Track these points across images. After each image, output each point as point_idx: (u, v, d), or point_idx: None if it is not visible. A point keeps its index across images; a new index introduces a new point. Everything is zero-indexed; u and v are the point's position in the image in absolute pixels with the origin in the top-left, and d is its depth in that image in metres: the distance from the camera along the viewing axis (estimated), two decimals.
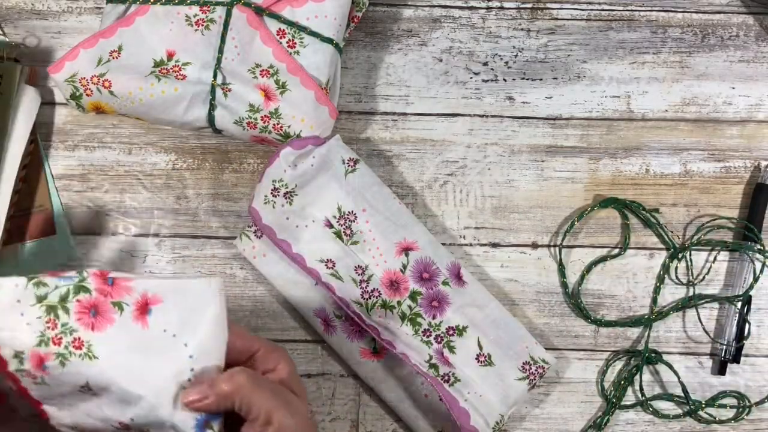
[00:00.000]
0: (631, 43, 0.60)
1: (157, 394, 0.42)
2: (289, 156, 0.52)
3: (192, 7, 0.54)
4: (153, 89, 0.53)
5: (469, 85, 0.59)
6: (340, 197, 0.53)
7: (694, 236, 0.58)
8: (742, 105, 0.59)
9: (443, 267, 0.53)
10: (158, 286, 0.42)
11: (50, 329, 0.42)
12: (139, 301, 0.42)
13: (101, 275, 0.42)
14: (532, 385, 0.53)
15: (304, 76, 0.53)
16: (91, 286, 0.42)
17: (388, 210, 0.54)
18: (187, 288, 0.43)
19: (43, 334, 0.42)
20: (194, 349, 0.42)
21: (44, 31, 0.59)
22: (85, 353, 0.42)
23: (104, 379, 0.42)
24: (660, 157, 0.59)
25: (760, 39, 0.60)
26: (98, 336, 0.42)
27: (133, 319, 0.42)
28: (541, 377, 0.53)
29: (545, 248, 0.58)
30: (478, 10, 0.60)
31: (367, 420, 0.55)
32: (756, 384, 0.57)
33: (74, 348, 0.42)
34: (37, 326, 0.42)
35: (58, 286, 0.42)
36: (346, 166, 0.54)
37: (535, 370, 0.53)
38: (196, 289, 0.43)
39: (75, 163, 0.58)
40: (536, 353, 0.53)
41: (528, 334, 0.54)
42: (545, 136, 0.59)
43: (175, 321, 0.42)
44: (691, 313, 0.57)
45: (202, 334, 0.42)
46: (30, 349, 0.42)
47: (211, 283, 0.43)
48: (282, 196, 0.53)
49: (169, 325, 0.42)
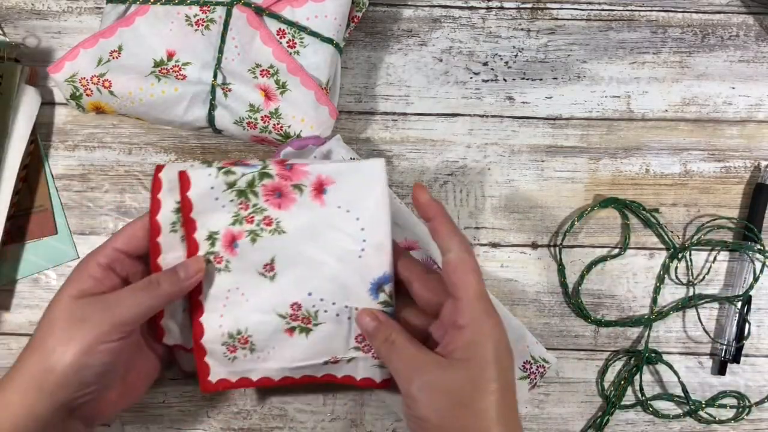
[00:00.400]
0: (631, 43, 0.60)
1: (339, 259, 0.47)
2: (289, 156, 0.52)
3: (192, 7, 0.54)
4: (153, 89, 0.53)
5: (469, 85, 0.59)
6: None
7: (694, 236, 0.58)
8: (742, 105, 0.60)
9: None
10: (330, 169, 0.47)
11: (243, 209, 0.47)
12: (315, 182, 0.47)
13: (280, 162, 0.47)
14: (533, 384, 0.53)
15: (304, 76, 0.53)
16: (273, 172, 0.47)
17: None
18: (356, 169, 0.47)
19: (238, 214, 0.47)
20: (365, 222, 0.47)
21: (44, 31, 0.59)
22: (274, 229, 0.47)
23: (291, 253, 0.47)
24: (660, 157, 0.59)
25: (760, 39, 0.60)
26: (285, 213, 0.47)
27: (312, 198, 0.47)
28: (541, 377, 0.53)
29: (545, 248, 0.58)
30: (478, 10, 0.60)
31: (367, 420, 0.55)
32: (756, 384, 0.57)
33: (265, 225, 0.47)
34: (231, 207, 0.47)
35: (244, 174, 0.47)
36: None
37: (536, 370, 0.53)
38: (363, 170, 0.47)
39: (75, 163, 0.58)
40: (537, 352, 0.53)
41: (528, 333, 0.54)
42: (545, 136, 0.59)
43: (348, 198, 0.47)
44: (691, 313, 0.57)
45: (371, 209, 0.47)
46: (225, 228, 0.47)
47: (376, 164, 0.47)
48: None
49: (342, 202, 0.47)
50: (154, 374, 0.50)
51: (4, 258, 0.56)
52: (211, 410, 0.55)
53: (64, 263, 0.56)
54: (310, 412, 0.55)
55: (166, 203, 0.47)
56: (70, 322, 0.43)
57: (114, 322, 0.43)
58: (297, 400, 0.55)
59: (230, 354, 0.48)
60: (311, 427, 0.55)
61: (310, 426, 0.55)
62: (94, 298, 0.44)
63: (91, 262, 0.46)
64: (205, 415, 0.55)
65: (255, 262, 0.47)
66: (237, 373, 0.49)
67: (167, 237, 0.47)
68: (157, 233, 0.47)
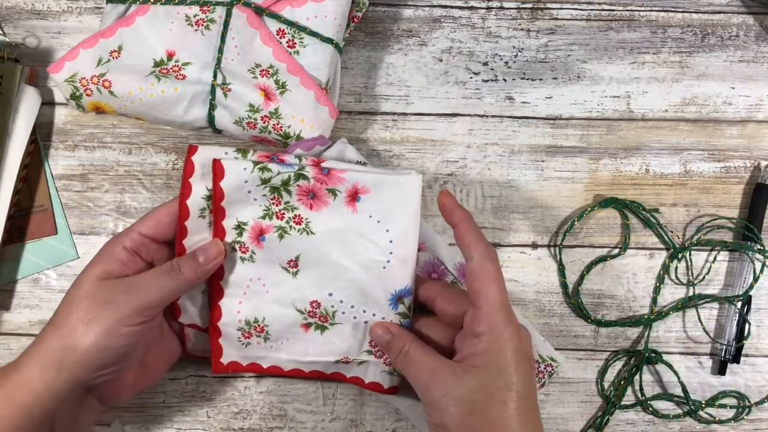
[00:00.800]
0: (631, 43, 0.60)
1: (363, 266, 0.48)
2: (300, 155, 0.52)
3: (192, 7, 0.54)
4: (153, 89, 0.53)
5: (469, 85, 0.59)
6: None
7: (694, 236, 0.58)
8: (742, 105, 0.59)
9: (451, 267, 0.53)
10: (368, 178, 0.48)
11: (275, 205, 0.48)
12: (350, 189, 0.48)
13: (317, 164, 0.48)
14: (542, 384, 0.53)
15: (303, 76, 0.53)
16: (309, 174, 0.48)
17: None
18: (394, 182, 0.48)
19: (269, 209, 0.48)
20: (394, 235, 0.48)
21: (44, 31, 0.59)
22: (303, 228, 0.48)
23: (317, 253, 0.48)
24: (660, 157, 0.59)
25: (760, 39, 0.60)
26: (316, 215, 0.48)
27: (345, 203, 0.48)
28: (550, 376, 0.54)
29: (545, 248, 0.58)
30: (478, 10, 0.60)
31: (367, 420, 0.55)
32: (756, 384, 0.57)
33: (295, 223, 0.48)
34: (263, 201, 0.48)
35: (280, 172, 0.47)
36: None
37: (544, 369, 0.53)
38: (401, 184, 0.48)
39: (75, 163, 0.58)
40: (545, 352, 0.53)
41: (536, 332, 0.54)
42: (545, 136, 0.59)
43: (381, 209, 0.48)
44: (691, 313, 0.57)
45: (402, 223, 0.48)
46: (254, 220, 0.48)
47: (415, 180, 0.48)
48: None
49: (374, 212, 0.48)
50: (173, 357, 0.51)
51: (4, 258, 0.56)
52: (211, 410, 0.55)
53: (64, 263, 0.56)
54: (310, 412, 0.55)
55: (197, 188, 0.48)
56: (94, 303, 0.43)
57: (137, 305, 0.44)
58: (297, 400, 0.55)
59: (244, 339, 0.49)
60: (311, 427, 0.55)
61: (310, 426, 0.55)
62: (118, 281, 0.45)
63: (117, 244, 0.46)
64: (205, 415, 0.55)
65: (280, 256, 0.48)
66: (248, 358, 0.50)
67: (195, 221, 0.48)
68: (185, 217, 0.48)
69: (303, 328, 0.49)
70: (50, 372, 0.42)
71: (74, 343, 0.42)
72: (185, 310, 0.49)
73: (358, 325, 0.49)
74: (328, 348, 0.49)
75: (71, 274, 0.56)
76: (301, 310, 0.48)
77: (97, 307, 0.43)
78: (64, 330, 0.43)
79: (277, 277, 0.48)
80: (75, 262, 0.57)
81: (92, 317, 0.43)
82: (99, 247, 0.47)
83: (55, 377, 0.42)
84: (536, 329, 0.56)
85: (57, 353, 0.42)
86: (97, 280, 0.44)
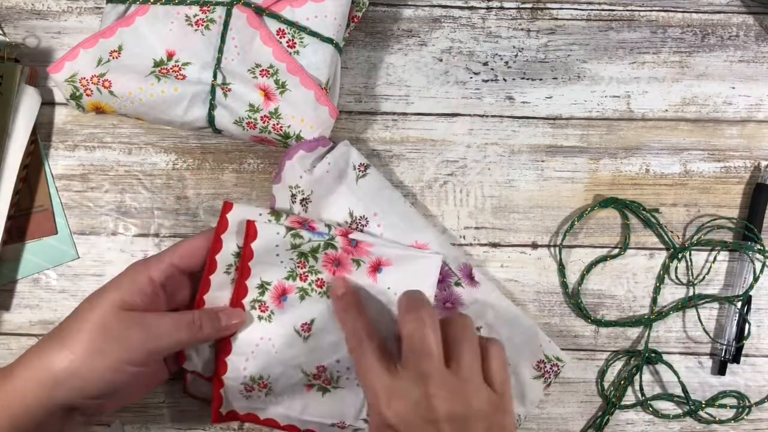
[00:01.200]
0: (631, 43, 0.60)
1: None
2: (305, 160, 0.52)
3: (192, 7, 0.54)
4: (153, 89, 0.53)
5: (469, 85, 0.59)
6: (351, 202, 0.53)
7: (694, 236, 0.58)
8: (742, 105, 0.59)
9: (455, 268, 0.53)
10: (392, 253, 0.50)
11: (300, 268, 0.49)
12: (374, 261, 0.49)
13: (346, 236, 0.49)
14: (548, 383, 0.53)
15: (303, 76, 0.53)
16: (338, 245, 0.49)
17: (398, 213, 0.53)
18: (415, 260, 0.50)
19: (293, 271, 0.49)
20: None
21: (44, 31, 0.59)
22: (324, 291, 0.49)
23: (332, 319, 0.49)
24: (660, 157, 0.59)
25: (760, 39, 0.60)
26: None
27: (367, 273, 0.49)
28: (556, 375, 0.54)
29: (545, 248, 0.58)
30: (478, 10, 0.60)
31: None
32: (756, 384, 0.57)
33: (317, 286, 0.49)
34: (289, 264, 0.49)
35: (311, 240, 0.49)
36: (357, 171, 0.53)
37: (550, 368, 0.53)
38: (421, 262, 0.50)
39: (75, 163, 0.58)
40: (550, 351, 0.53)
41: (541, 332, 0.54)
42: (545, 136, 0.59)
43: (400, 283, 0.49)
44: (691, 313, 0.57)
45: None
46: (278, 280, 0.49)
47: (435, 260, 0.50)
48: (299, 203, 0.53)
49: (393, 283, 0.49)
50: (159, 381, 0.50)
51: (4, 258, 0.56)
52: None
53: (65, 263, 0.56)
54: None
55: (228, 245, 0.48)
56: (107, 335, 0.42)
57: (150, 350, 0.43)
58: None
59: (246, 393, 0.49)
60: None
61: None
62: (136, 316, 0.44)
63: (143, 272, 0.45)
64: (205, 415, 0.55)
65: (297, 317, 0.49)
66: (247, 408, 0.50)
67: (220, 276, 0.48)
68: (211, 271, 0.48)
69: (306, 388, 0.49)
70: (46, 390, 0.41)
71: (77, 368, 0.41)
72: (190, 358, 0.49)
73: (359, 393, 0.49)
74: (326, 409, 0.49)
75: (71, 274, 0.56)
76: (307, 373, 0.49)
77: (110, 341, 0.42)
78: (70, 352, 0.42)
79: (288, 339, 0.48)
80: (75, 262, 0.57)
81: (103, 349, 0.42)
82: (99, 247, 0.47)
83: (50, 396, 0.41)
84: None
85: (58, 374, 0.41)
86: (116, 308, 0.43)
